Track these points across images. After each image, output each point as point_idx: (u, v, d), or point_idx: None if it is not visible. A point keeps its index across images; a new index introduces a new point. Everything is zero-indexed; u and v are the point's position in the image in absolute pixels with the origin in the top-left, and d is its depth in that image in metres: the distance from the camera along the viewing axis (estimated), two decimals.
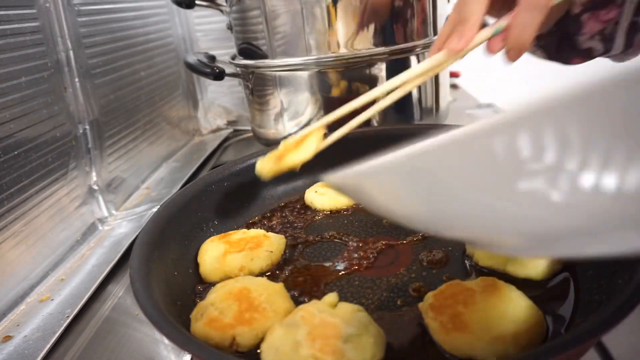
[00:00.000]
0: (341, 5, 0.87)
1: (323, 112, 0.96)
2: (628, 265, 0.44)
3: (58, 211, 0.79)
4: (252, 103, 1.06)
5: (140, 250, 0.53)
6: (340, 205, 0.74)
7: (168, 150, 1.23)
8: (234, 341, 0.46)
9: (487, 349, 0.41)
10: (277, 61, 0.94)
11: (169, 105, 1.25)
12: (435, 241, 0.62)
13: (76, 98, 0.87)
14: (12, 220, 0.68)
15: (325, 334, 0.43)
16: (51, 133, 0.79)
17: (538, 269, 0.51)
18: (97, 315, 0.66)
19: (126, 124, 1.03)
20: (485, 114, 1.34)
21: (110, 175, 0.96)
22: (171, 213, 0.63)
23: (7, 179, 0.68)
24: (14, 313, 0.66)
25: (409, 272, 0.57)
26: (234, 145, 1.37)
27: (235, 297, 0.50)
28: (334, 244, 0.65)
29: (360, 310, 0.47)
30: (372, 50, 0.90)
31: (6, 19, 0.71)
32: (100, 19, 0.96)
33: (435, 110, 1.03)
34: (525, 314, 0.44)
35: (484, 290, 0.47)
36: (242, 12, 0.97)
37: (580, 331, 0.35)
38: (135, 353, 0.58)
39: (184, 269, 0.60)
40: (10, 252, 0.68)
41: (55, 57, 0.82)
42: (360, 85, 0.93)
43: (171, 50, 1.29)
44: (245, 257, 0.60)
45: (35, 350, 0.57)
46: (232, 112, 1.46)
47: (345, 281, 0.57)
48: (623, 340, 0.50)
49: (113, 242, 0.83)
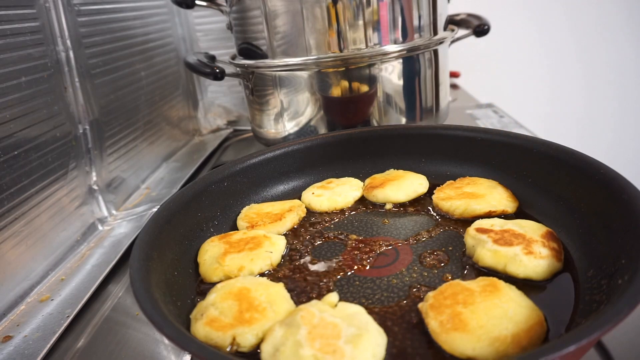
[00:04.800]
0: (341, 5, 0.87)
1: (323, 112, 0.96)
2: (628, 265, 0.44)
3: (58, 211, 0.79)
4: (252, 103, 1.06)
5: (140, 250, 0.53)
6: (338, 206, 0.74)
7: (168, 150, 1.23)
8: (234, 341, 0.46)
9: (487, 349, 0.41)
10: (277, 61, 0.94)
11: (169, 105, 1.25)
12: (435, 241, 0.62)
13: (76, 98, 0.87)
14: (12, 220, 0.68)
15: (325, 334, 0.43)
16: (51, 133, 0.79)
17: (538, 269, 0.51)
18: (97, 315, 0.66)
19: (126, 124, 1.03)
20: (485, 114, 1.34)
21: (110, 175, 0.96)
22: (171, 213, 0.63)
23: (7, 179, 0.68)
24: (14, 313, 0.66)
25: (409, 272, 0.57)
26: (234, 145, 1.37)
27: (235, 297, 0.50)
28: (334, 244, 0.65)
29: (360, 310, 0.47)
30: (372, 50, 0.90)
31: (6, 19, 0.71)
32: (100, 19, 0.96)
33: (435, 110, 1.03)
34: (525, 314, 0.44)
35: (484, 290, 0.47)
36: (242, 12, 0.97)
37: (580, 331, 0.35)
38: (135, 353, 0.58)
39: (184, 269, 0.60)
40: (10, 252, 0.68)
41: (55, 57, 0.82)
42: (360, 85, 0.93)
43: (171, 50, 1.29)
44: (245, 257, 0.60)
45: (35, 350, 0.57)
46: (232, 112, 1.46)
47: (345, 281, 0.57)
48: (623, 340, 0.50)
49: (113, 242, 0.83)
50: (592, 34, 1.94)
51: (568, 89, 2.03)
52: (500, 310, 0.44)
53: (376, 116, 0.96)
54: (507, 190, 0.68)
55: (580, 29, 1.94)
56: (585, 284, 0.49)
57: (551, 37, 1.96)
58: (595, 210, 0.55)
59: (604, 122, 2.06)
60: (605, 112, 2.06)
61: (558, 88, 2.03)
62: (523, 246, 0.53)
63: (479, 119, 1.29)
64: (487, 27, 1.06)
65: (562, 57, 1.98)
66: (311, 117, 0.97)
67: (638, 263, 0.42)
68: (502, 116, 1.32)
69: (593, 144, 1.82)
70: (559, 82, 2.03)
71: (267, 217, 0.69)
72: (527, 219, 0.60)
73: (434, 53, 0.98)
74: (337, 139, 0.84)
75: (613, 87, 2.02)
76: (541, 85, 2.03)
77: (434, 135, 0.78)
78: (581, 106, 2.05)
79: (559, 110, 2.05)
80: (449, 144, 0.78)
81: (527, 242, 0.54)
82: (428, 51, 0.96)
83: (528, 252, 0.52)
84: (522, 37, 1.94)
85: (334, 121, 0.97)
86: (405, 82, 0.95)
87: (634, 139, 2.07)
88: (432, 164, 0.76)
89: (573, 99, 2.04)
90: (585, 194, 0.58)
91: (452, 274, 0.55)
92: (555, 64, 2.00)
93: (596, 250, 0.51)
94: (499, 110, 1.38)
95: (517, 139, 0.71)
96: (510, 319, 0.43)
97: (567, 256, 0.55)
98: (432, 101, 1.01)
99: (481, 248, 0.55)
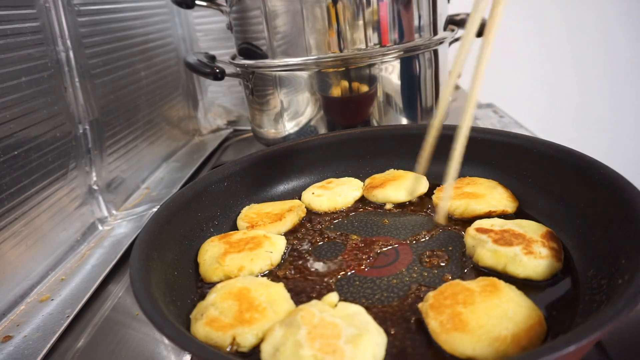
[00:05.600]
0: (341, 5, 0.87)
1: (323, 112, 0.96)
2: (628, 265, 0.44)
3: (58, 211, 0.79)
4: (252, 103, 1.06)
5: (140, 250, 0.53)
6: (338, 206, 0.74)
7: (168, 150, 1.23)
8: (234, 341, 0.46)
9: (487, 349, 0.41)
10: (277, 61, 0.94)
11: (169, 105, 1.25)
12: (435, 241, 0.62)
13: (76, 98, 0.87)
14: (12, 220, 0.68)
15: (325, 334, 0.43)
16: (51, 133, 0.79)
17: (538, 269, 0.51)
18: (97, 315, 0.66)
19: (126, 124, 1.03)
20: (485, 114, 1.34)
21: (110, 175, 0.96)
22: (171, 213, 0.63)
23: (7, 179, 0.68)
24: (14, 313, 0.66)
25: (409, 272, 0.57)
26: (234, 145, 1.37)
27: (235, 297, 0.50)
28: (334, 244, 0.65)
29: (360, 310, 0.47)
30: (372, 50, 0.90)
31: (6, 19, 0.71)
32: (100, 19, 0.96)
33: (436, 110, 1.03)
34: (525, 314, 0.44)
35: (484, 290, 0.47)
36: (242, 12, 0.97)
37: (580, 331, 0.35)
38: (135, 353, 0.58)
39: (184, 269, 0.60)
40: (10, 252, 0.68)
41: (55, 57, 0.82)
42: (360, 85, 0.93)
43: (171, 50, 1.29)
44: (245, 257, 0.60)
45: (35, 350, 0.57)
46: (232, 112, 1.46)
47: (345, 281, 0.57)
48: (623, 340, 0.50)
49: (113, 242, 0.83)
50: (591, 34, 1.94)
51: (568, 89, 2.03)
52: (500, 310, 0.44)
53: (376, 116, 0.96)
54: (507, 190, 0.68)
55: (579, 29, 1.94)
56: (585, 284, 0.49)
57: (551, 37, 1.96)
58: (595, 210, 0.55)
59: (604, 122, 2.07)
60: (605, 112, 2.06)
61: (558, 88, 2.04)
62: (523, 246, 0.53)
63: (479, 119, 1.30)
64: None
65: (562, 57, 1.99)
66: (311, 117, 0.97)
67: (638, 263, 0.42)
68: (502, 116, 1.32)
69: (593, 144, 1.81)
70: (559, 82, 2.03)
71: (267, 217, 0.69)
72: (527, 219, 0.60)
73: (434, 53, 0.98)
74: (337, 139, 0.84)
75: (613, 87, 2.02)
76: (541, 85, 2.03)
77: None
78: (581, 106, 2.05)
79: (559, 110, 2.05)
80: (449, 144, 0.78)
81: (527, 242, 0.54)
82: (428, 51, 0.96)
83: (528, 252, 0.52)
84: (522, 37, 1.94)
85: (334, 121, 0.97)
86: (405, 82, 0.95)
87: (634, 139, 2.07)
88: (432, 164, 0.76)
89: (573, 99, 2.04)
90: (585, 194, 0.58)
91: (452, 274, 0.55)
92: (555, 64, 2.00)
93: (596, 251, 0.51)
94: (499, 110, 1.38)
95: (517, 139, 0.71)
96: (510, 319, 0.43)
97: (567, 256, 0.55)
98: (432, 101, 1.01)
99: (481, 248, 0.55)
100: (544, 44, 1.97)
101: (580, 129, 2.04)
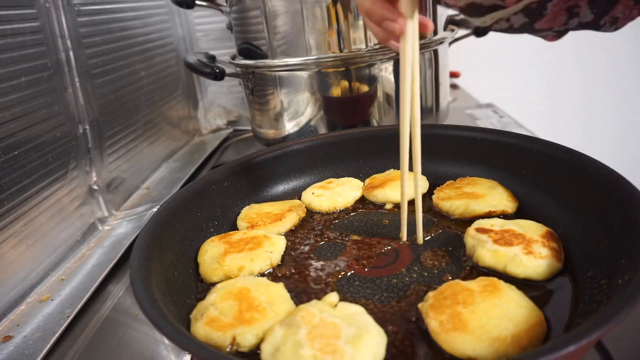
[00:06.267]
0: (341, 5, 0.87)
1: (323, 112, 0.96)
2: (628, 265, 0.44)
3: (58, 211, 0.79)
4: (252, 103, 1.06)
5: (140, 250, 0.53)
6: (338, 206, 0.74)
7: (168, 150, 1.23)
8: (234, 341, 0.46)
9: (487, 349, 0.41)
10: (277, 61, 0.94)
11: (169, 105, 1.25)
12: (435, 241, 0.62)
13: (76, 98, 0.87)
14: (12, 220, 0.68)
15: (325, 334, 0.43)
16: (51, 133, 0.79)
17: (538, 269, 0.51)
18: (97, 315, 0.66)
19: (126, 124, 1.03)
20: (485, 114, 1.34)
21: (110, 175, 0.96)
22: (171, 213, 0.63)
23: (7, 179, 0.68)
24: (14, 313, 0.66)
25: (409, 272, 0.57)
26: (234, 145, 1.37)
27: (235, 297, 0.50)
28: (334, 244, 0.65)
29: (360, 310, 0.47)
30: (372, 50, 0.90)
31: (6, 19, 0.71)
32: (100, 19, 0.96)
33: (435, 110, 1.03)
34: (525, 314, 0.44)
35: (484, 290, 0.47)
36: (242, 12, 0.97)
37: (580, 331, 0.35)
38: (135, 353, 0.58)
39: (184, 269, 0.60)
40: (10, 252, 0.68)
41: (55, 57, 0.82)
42: (360, 85, 0.93)
43: (171, 50, 1.29)
44: (245, 257, 0.60)
45: (35, 350, 0.57)
46: (232, 112, 1.46)
47: (345, 281, 0.57)
48: (623, 340, 0.50)
49: (113, 242, 0.83)
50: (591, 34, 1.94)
51: (568, 88, 2.03)
52: (500, 310, 0.44)
53: (376, 116, 0.96)
54: (507, 190, 0.68)
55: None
56: (585, 284, 0.49)
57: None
58: (595, 210, 0.55)
59: (604, 122, 2.07)
60: (605, 112, 2.06)
61: (558, 88, 2.04)
62: (523, 246, 0.53)
63: (479, 119, 1.30)
64: (487, 27, 1.06)
65: (562, 57, 1.99)
66: (311, 117, 0.97)
67: (638, 263, 0.42)
68: (502, 116, 1.32)
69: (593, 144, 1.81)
70: (559, 82, 2.03)
71: (267, 217, 0.69)
72: (527, 219, 0.60)
73: (433, 53, 0.98)
74: (337, 139, 0.84)
75: (613, 87, 2.02)
76: (541, 85, 2.03)
77: (433, 135, 0.78)
78: (581, 106, 2.05)
79: (559, 110, 2.05)
80: (449, 144, 0.78)
81: (527, 242, 0.54)
82: (428, 51, 0.96)
83: (528, 252, 0.52)
84: (522, 37, 1.94)
85: (334, 121, 0.97)
86: None
87: (634, 139, 2.08)
88: (432, 164, 0.76)
89: (573, 98, 2.04)
90: (585, 194, 0.58)
91: (452, 274, 0.55)
92: (555, 64, 2.00)
93: (596, 250, 0.51)
94: (499, 110, 1.38)
95: (517, 139, 0.71)
96: (510, 319, 0.43)
97: (567, 256, 0.55)
98: (432, 101, 1.01)
99: (481, 248, 0.55)
100: (544, 44, 1.97)
101: (580, 129, 2.04)
